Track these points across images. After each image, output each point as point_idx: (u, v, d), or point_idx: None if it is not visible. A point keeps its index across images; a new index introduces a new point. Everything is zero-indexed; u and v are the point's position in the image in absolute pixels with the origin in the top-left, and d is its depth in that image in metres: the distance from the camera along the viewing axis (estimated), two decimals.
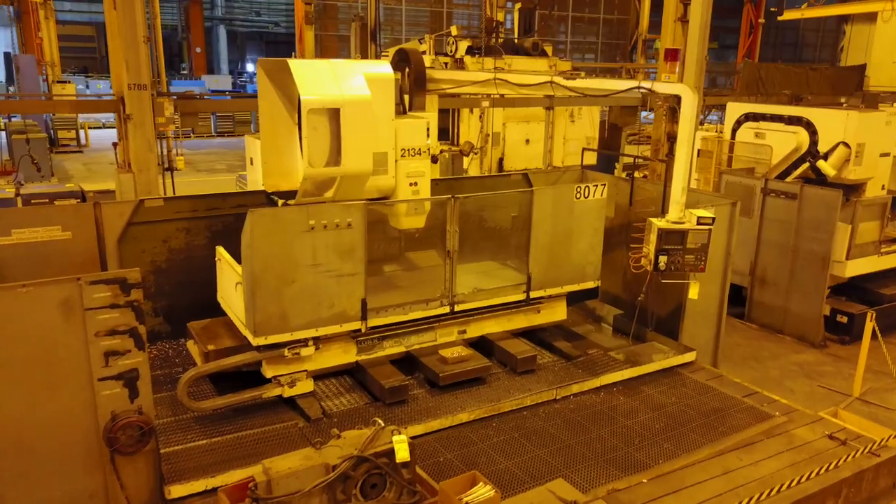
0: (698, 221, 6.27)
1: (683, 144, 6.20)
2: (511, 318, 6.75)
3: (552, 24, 41.87)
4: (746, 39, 40.93)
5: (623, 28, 40.64)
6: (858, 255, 8.61)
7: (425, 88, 7.12)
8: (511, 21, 42.41)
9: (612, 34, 44.05)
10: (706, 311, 7.37)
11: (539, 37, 41.81)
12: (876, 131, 9.01)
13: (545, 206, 6.43)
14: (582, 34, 43.39)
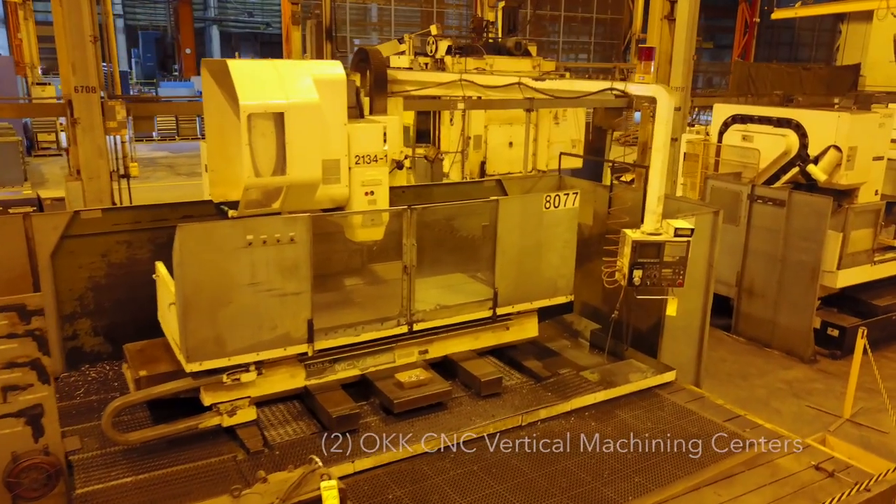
0: (676, 233, 5.87)
1: (659, 150, 5.80)
2: (478, 336, 6.33)
3: (546, 24, 41.55)
4: (741, 39, 40.70)
5: (617, 28, 40.34)
6: (850, 264, 8.20)
7: (386, 91, 6.73)
8: None
9: (606, 34, 43.75)
10: (688, 327, 6.95)
11: (533, 36, 41.62)
12: (868, 134, 8.60)
13: (511, 217, 6.02)
14: (576, 34, 43.03)
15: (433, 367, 6.07)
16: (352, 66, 6.99)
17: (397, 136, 7.17)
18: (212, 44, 41.73)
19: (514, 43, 13.31)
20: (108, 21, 8.17)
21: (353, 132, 5.65)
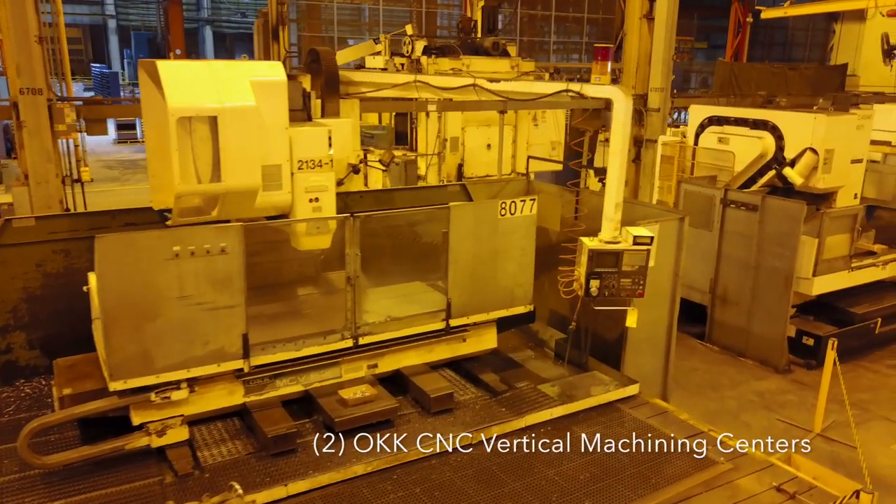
0: (635, 241, 5.64)
1: (616, 155, 5.57)
2: (432, 348, 6.09)
3: (542, 25, 41.30)
4: (734, 38, 40.49)
5: (609, 28, 40.05)
6: (827, 270, 7.96)
7: (338, 92, 6.48)
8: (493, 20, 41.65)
9: (599, 34, 43.49)
10: (653, 338, 6.73)
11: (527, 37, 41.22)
12: (846, 136, 8.36)
13: (464, 224, 5.78)
14: (567, 34, 42.77)
15: (384, 382, 5.85)
16: (304, 67, 6.75)
17: (351, 139, 6.93)
18: (205, 44, 41.55)
19: (491, 43, 13.07)
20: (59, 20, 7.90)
21: (295, 136, 5.41)
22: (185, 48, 42.26)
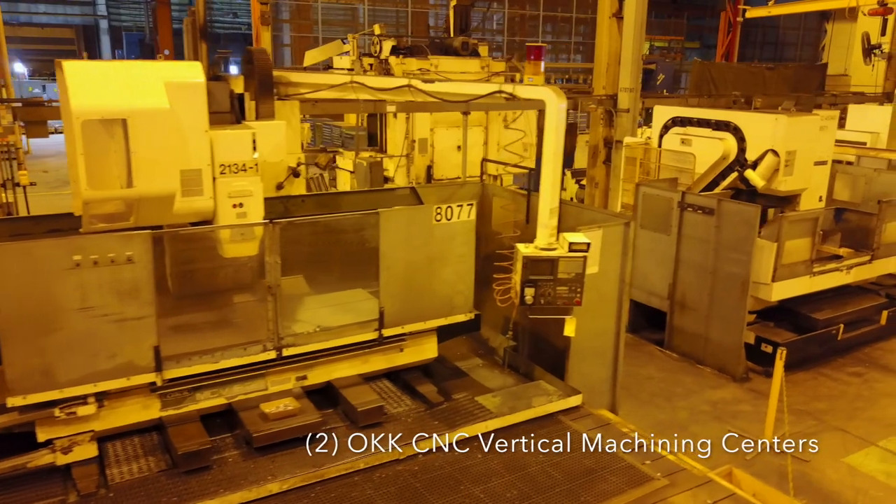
0: (570, 248, 5.43)
1: (550, 159, 5.37)
2: (367, 359, 5.90)
3: (535, 24, 41.12)
4: (725, 38, 40.44)
5: None
6: (787, 276, 7.77)
7: (272, 93, 6.29)
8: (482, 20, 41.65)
9: (590, 34, 43.34)
10: (600, 347, 6.54)
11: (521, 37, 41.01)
12: (808, 137, 8.18)
13: (396, 231, 5.59)
14: (557, 34, 42.61)
15: (315, 395, 5.66)
16: (242, 69, 6.57)
17: (287, 141, 6.74)
18: None
19: (460, 43, 12.87)
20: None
21: (216, 139, 5.22)
22: (173, 48, 42.15)
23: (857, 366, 8.00)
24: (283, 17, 37.37)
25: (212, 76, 6.07)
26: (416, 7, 38.62)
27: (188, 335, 5.19)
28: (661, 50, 47.31)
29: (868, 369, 7.91)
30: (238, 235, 5.43)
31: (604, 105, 11.68)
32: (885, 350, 8.45)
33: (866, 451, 6.17)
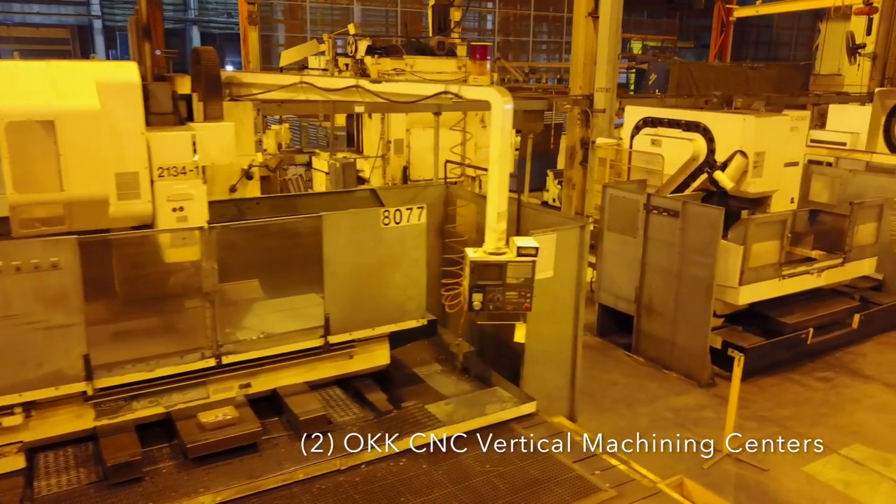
0: (519, 252, 5.31)
1: (496, 161, 5.25)
2: (314, 366, 5.78)
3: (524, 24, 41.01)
4: (718, 38, 40.31)
5: None
6: (754, 279, 7.65)
7: (220, 94, 6.14)
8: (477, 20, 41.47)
9: None
10: (557, 352, 6.43)
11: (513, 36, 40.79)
12: (777, 138, 8.06)
13: (341, 235, 5.47)
14: (549, 34, 42.46)
15: (260, 403, 5.54)
16: (191, 69, 6.43)
17: (241, 143, 6.62)
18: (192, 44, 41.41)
19: (436, 42, 12.74)
20: None
21: (153, 142, 5.09)
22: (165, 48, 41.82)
23: (827, 370, 7.88)
24: (277, 16, 37.28)
25: (156, 76, 5.95)
26: (408, 7, 38.49)
27: (122, 343, 5.07)
28: (654, 49, 47.19)
29: (837, 374, 7.79)
30: (179, 240, 5.30)
31: (580, 105, 11.56)
32: (857, 354, 8.34)
33: (827, 460, 6.06)
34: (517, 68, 27.81)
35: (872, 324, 8.81)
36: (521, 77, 26.57)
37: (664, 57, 47.64)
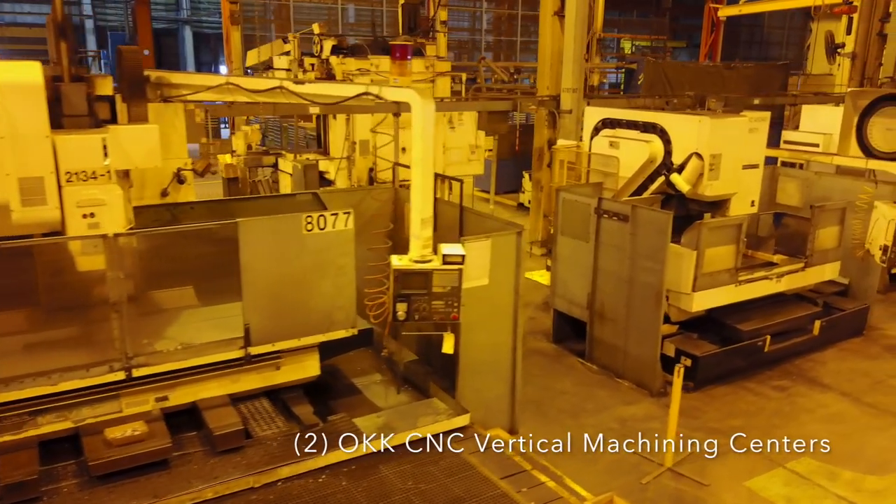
0: (445, 260, 5.13)
1: (418, 164, 5.08)
2: (237, 378, 5.58)
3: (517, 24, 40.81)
4: (708, 37, 40.20)
5: None
6: (708, 285, 7.47)
7: (143, 95, 5.95)
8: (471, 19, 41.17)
9: None
10: (495, 363, 6.24)
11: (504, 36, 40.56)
12: (735, 140, 7.88)
13: (260, 242, 5.27)
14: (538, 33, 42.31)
15: (180, 416, 5.35)
16: None
17: (167, 146, 6.43)
18: (185, 44, 41.30)
19: None
20: None
21: (60, 145, 4.90)
22: (153, 48, 41.83)
23: (784, 379, 7.70)
24: (270, 17, 37.12)
25: (73, 76, 5.74)
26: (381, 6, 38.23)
27: (29, 356, 4.87)
28: (645, 49, 47.03)
29: (794, 383, 7.61)
30: (91, 248, 5.10)
31: (546, 106, 11.38)
32: (816, 362, 8.15)
33: (772, 474, 5.87)
34: (503, 68, 27.56)
35: (834, 330, 8.64)
36: (507, 77, 26.34)
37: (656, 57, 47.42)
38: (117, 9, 41.71)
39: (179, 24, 43.76)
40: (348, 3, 38.10)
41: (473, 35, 42.81)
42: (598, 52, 35.38)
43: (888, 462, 6.08)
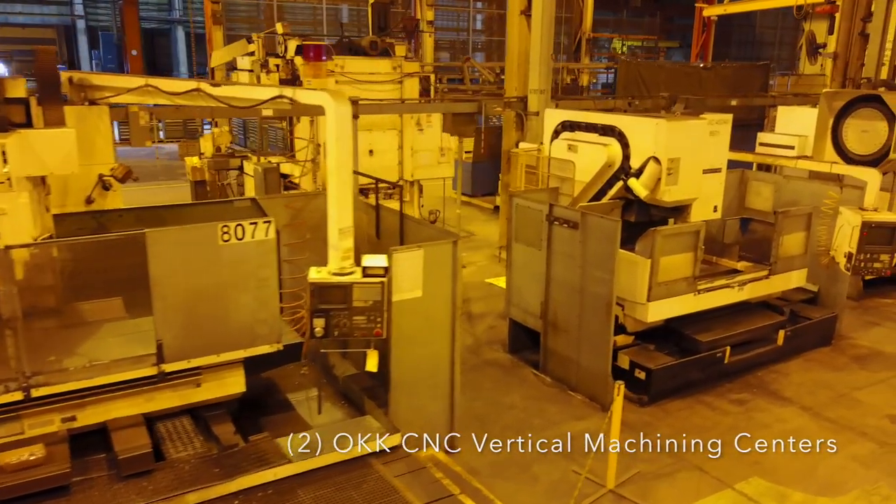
0: (365, 273, 4.85)
1: (334, 173, 4.80)
2: (152, 396, 5.33)
3: None
4: (700, 37, 40.00)
5: (569, 26, 39.32)
6: (664, 295, 7.19)
7: (58, 98, 5.68)
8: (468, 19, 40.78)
9: (559, 32, 42.78)
10: (432, 378, 5.99)
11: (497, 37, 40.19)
12: (694, 143, 7.59)
13: (171, 254, 5.02)
14: None
15: (91, 437, 5.10)
16: None
17: (91, 150, 6.16)
18: (177, 45, 41.15)
19: (368, 42, 12.24)
20: None
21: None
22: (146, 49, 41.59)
23: (744, 391, 7.41)
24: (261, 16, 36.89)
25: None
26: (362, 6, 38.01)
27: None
28: (636, 49, 46.76)
29: (754, 396, 7.33)
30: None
31: (513, 108, 11.10)
32: (780, 373, 7.87)
33: (719, 496, 5.60)
34: (488, 68, 27.29)
35: (800, 340, 8.35)
36: (493, 77, 26.06)
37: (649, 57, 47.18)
38: (108, 9, 41.54)
39: (172, 25, 43.62)
40: (342, 3, 37.91)
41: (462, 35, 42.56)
42: (589, 52, 35.19)
43: (841, 483, 5.81)
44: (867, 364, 8.23)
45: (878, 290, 10.63)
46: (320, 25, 37.55)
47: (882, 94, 9.72)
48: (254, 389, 6.30)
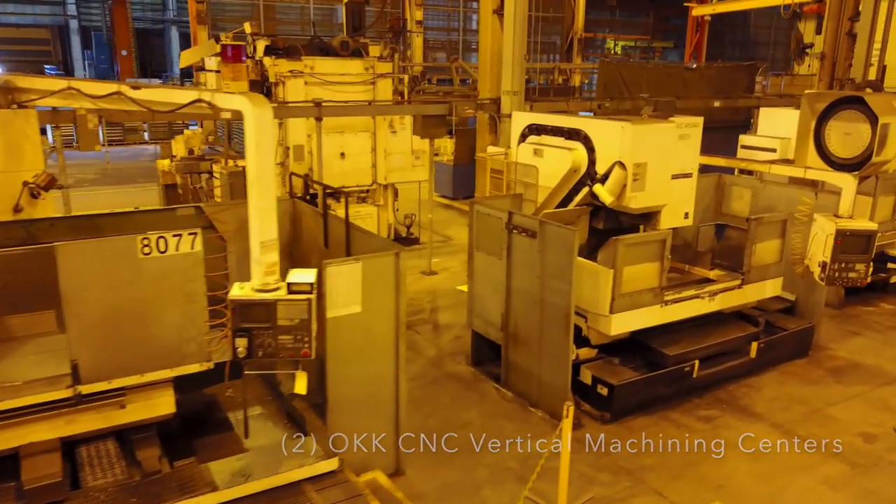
0: (290, 289, 4.54)
1: (254, 184, 4.50)
2: (73, 418, 5.03)
3: None
4: (693, 37, 39.84)
5: (561, 26, 39.05)
6: (629, 306, 6.90)
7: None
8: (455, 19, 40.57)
9: (550, 31, 42.55)
10: (375, 398, 5.70)
11: None
12: (662, 148, 7.29)
13: (85, 268, 4.70)
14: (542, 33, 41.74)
15: (6, 462, 4.78)
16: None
17: (18, 156, 5.86)
18: (171, 45, 41.01)
19: (339, 42, 11.94)
20: None
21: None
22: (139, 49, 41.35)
23: (713, 407, 7.11)
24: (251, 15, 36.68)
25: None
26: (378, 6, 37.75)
27: None
28: (629, 49, 46.57)
29: (723, 412, 7.03)
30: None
31: (485, 110, 10.82)
32: (752, 387, 7.57)
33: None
34: (475, 68, 27.01)
35: (774, 352, 8.06)
36: None
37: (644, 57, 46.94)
38: (100, 10, 41.43)
39: (166, 25, 43.50)
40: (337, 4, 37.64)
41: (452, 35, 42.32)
42: (581, 52, 34.83)
43: None
44: (843, 377, 7.93)
45: (860, 298, 10.35)
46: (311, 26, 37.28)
47: (864, 95, 9.44)
48: (191, 407, 6.02)
